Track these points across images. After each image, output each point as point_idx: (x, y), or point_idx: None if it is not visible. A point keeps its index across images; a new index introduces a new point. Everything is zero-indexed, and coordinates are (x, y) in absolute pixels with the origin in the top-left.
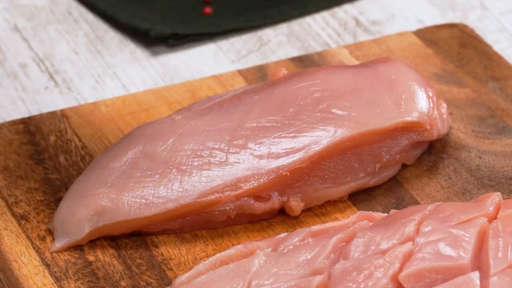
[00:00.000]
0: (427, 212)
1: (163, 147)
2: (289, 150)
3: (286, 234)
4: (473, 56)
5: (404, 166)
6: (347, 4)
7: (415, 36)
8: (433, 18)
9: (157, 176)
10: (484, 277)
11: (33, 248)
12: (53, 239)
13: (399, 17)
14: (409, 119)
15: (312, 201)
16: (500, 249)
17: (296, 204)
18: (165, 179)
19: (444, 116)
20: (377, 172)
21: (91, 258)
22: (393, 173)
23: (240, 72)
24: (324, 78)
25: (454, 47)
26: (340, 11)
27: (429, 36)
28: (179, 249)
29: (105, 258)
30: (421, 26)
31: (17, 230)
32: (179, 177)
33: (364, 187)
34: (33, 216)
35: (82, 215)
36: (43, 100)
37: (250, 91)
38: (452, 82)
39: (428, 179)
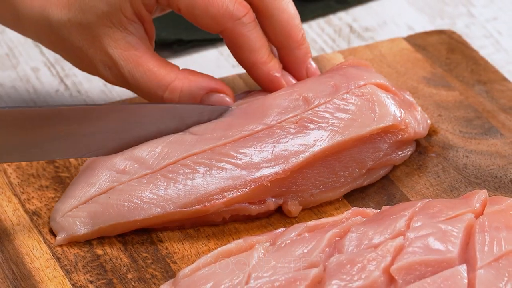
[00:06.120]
0: (417, 209)
1: (152, 153)
2: (270, 160)
3: (284, 229)
4: (460, 61)
5: (395, 165)
6: (342, 12)
7: (406, 42)
8: (423, 25)
9: (144, 181)
10: (471, 269)
11: (45, 242)
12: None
13: (391, 24)
14: (383, 125)
15: (309, 204)
16: (486, 243)
17: (294, 208)
18: (151, 185)
19: (418, 117)
20: (370, 174)
21: (99, 252)
22: (385, 172)
23: (240, 76)
24: (303, 88)
25: (443, 52)
26: (335, 18)
27: (419, 42)
28: (183, 244)
29: (112, 252)
30: (411, 32)
31: (29, 225)
32: (165, 184)
33: (359, 187)
34: (45, 212)
35: (75, 215)
36: (54, 102)
37: (236, 100)
38: (441, 86)
39: (418, 177)
